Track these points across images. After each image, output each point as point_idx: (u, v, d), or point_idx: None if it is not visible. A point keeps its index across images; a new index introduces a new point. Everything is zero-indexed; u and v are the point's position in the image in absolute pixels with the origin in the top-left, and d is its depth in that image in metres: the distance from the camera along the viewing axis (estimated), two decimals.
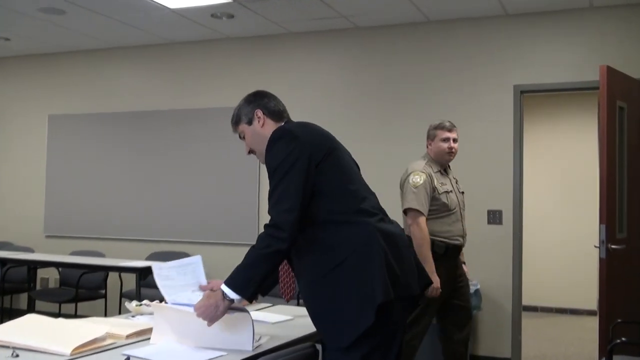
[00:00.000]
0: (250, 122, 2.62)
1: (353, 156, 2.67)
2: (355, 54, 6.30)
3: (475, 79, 5.87)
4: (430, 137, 4.29)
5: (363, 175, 2.65)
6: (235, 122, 2.67)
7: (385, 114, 6.12)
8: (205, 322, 2.38)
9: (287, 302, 2.86)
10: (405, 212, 4.08)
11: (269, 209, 2.40)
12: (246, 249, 2.40)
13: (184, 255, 6.63)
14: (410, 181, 4.08)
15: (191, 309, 2.40)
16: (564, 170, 8.29)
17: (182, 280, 2.52)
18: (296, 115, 2.77)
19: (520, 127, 5.73)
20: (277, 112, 2.63)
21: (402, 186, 4.19)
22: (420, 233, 3.98)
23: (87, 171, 7.33)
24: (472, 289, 5.36)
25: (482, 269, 5.69)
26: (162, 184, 6.97)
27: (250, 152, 2.66)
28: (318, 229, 2.40)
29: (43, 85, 7.71)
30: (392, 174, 5.96)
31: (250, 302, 2.43)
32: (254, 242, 2.41)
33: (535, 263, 8.08)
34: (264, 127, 2.59)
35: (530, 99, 6.73)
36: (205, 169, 6.76)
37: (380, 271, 2.33)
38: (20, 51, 7.61)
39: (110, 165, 7.23)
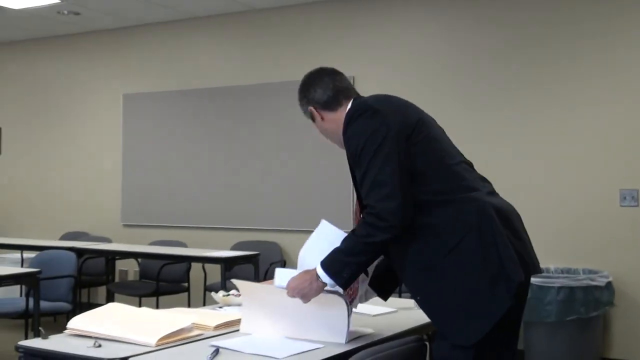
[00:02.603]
0: (313, 119, 2.67)
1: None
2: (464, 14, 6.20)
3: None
4: None
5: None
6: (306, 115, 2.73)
7: (498, 80, 6.00)
8: (297, 305, 2.43)
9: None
10: None
11: (363, 197, 2.37)
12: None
13: (272, 245, 6.76)
14: None
15: (281, 289, 2.47)
16: None
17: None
18: (399, 86, 2.73)
19: None
20: (327, 100, 2.59)
21: None
22: None
23: (166, 155, 7.55)
24: (603, 281, 5.21)
25: (614, 258, 5.50)
26: (248, 167, 7.08)
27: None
28: (419, 213, 2.35)
29: (116, 62, 7.97)
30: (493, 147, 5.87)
31: (344, 289, 2.45)
32: (348, 229, 2.42)
33: None
34: (325, 121, 2.61)
35: None
36: (295, 149, 6.81)
37: (507, 247, 2.29)
38: (90, 26, 7.90)
39: (191, 147, 7.41)
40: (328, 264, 2.37)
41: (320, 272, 2.37)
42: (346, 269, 2.35)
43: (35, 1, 6.82)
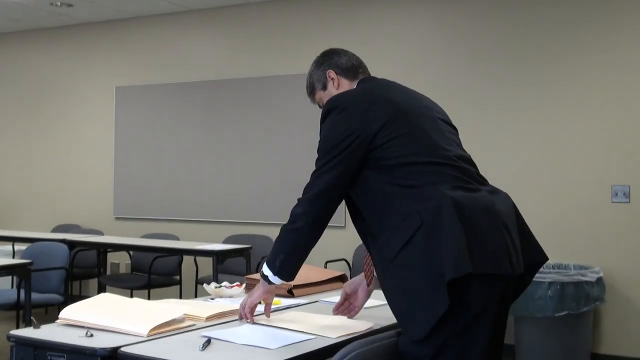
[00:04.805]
0: (324, 87, 2.66)
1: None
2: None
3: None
4: None
5: None
6: (311, 91, 2.72)
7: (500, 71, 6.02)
8: None
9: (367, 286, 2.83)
10: None
11: None
12: (333, 232, 2.44)
13: (264, 238, 6.77)
14: None
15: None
16: None
17: None
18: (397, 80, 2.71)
19: None
20: (350, 67, 2.67)
21: None
22: None
23: (159, 148, 7.55)
24: (594, 277, 5.23)
25: (605, 254, 5.54)
26: (240, 160, 7.09)
27: None
28: (384, 207, 2.37)
29: (109, 55, 7.97)
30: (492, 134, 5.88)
31: (287, 281, 2.51)
32: (341, 224, 2.44)
33: None
34: (339, 88, 2.63)
35: None
36: (288, 143, 6.82)
37: (449, 242, 2.21)
38: (83, 18, 7.88)
39: (183, 141, 7.41)
40: (268, 256, 2.51)
41: (264, 266, 2.51)
42: (277, 259, 2.46)
43: None
